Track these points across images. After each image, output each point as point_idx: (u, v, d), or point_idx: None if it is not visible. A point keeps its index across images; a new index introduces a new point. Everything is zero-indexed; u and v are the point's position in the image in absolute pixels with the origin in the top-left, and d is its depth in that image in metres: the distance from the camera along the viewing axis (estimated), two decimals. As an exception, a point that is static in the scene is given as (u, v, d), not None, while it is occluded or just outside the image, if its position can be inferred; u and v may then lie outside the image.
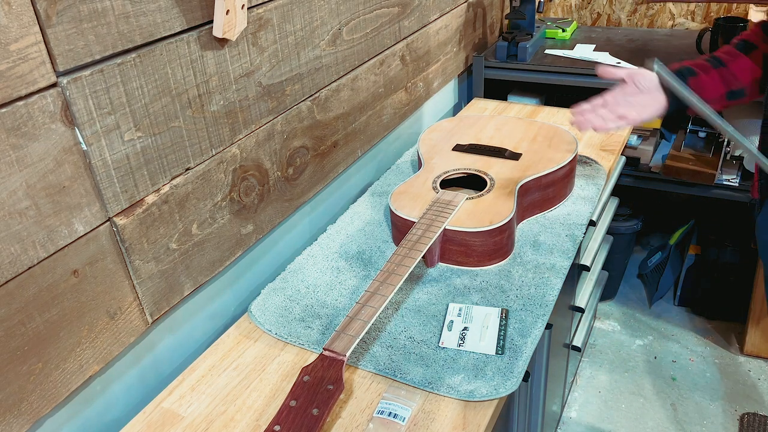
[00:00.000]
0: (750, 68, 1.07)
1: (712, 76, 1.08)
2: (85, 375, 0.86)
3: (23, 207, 0.73)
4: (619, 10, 2.15)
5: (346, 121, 1.34)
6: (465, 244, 1.11)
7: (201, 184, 0.98)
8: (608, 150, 1.51)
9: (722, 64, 1.08)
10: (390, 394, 0.89)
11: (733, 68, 1.08)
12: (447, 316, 1.02)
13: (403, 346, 0.97)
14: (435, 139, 1.44)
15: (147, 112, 0.86)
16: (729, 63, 1.08)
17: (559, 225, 1.23)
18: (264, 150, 1.11)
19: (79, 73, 0.76)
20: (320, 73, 1.22)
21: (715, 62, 1.09)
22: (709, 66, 1.09)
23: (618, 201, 1.81)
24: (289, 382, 0.93)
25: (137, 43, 0.82)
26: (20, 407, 0.78)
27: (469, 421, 0.85)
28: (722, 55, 1.09)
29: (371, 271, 1.14)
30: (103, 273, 0.85)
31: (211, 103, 0.97)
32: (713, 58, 1.10)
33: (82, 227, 0.81)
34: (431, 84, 1.73)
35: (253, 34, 1.02)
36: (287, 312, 1.06)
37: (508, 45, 1.88)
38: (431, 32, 1.66)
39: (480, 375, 0.91)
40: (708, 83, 1.08)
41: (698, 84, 1.08)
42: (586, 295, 1.61)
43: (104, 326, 0.87)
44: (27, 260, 0.75)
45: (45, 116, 0.73)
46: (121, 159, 0.84)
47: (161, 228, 0.93)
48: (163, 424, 0.88)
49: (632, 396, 1.87)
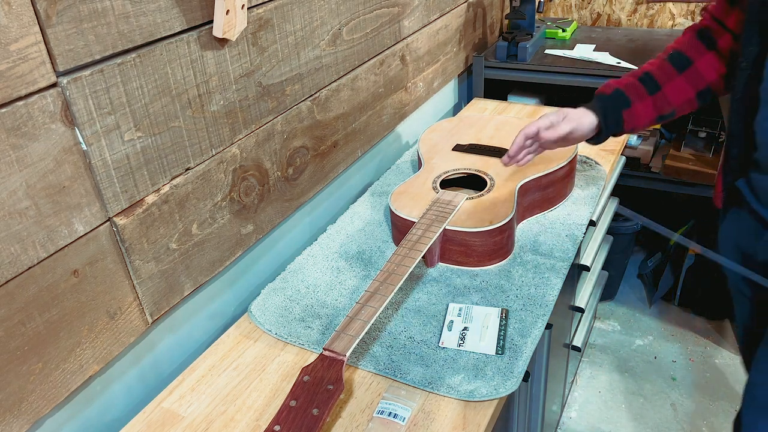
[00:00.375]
0: (684, 90, 1.07)
1: (646, 104, 1.09)
2: (85, 375, 0.86)
3: (23, 207, 0.73)
4: (619, 10, 2.15)
5: (346, 121, 1.34)
6: (465, 244, 1.11)
7: (201, 184, 0.98)
8: (608, 150, 1.51)
9: (658, 88, 1.08)
10: (390, 394, 0.89)
11: (667, 91, 1.08)
12: (447, 316, 1.02)
13: (403, 346, 0.97)
14: (435, 139, 1.44)
15: (147, 112, 0.86)
16: (664, 85, 1.08)
17: (559, 225, 1.23)
18: (264, 150, 1.11)
19: (79, 73, 0.76)
20: (320, 73, 1.22)
21: (651, 86, 1.08)
22: (644, 92, 1.08)
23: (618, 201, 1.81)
24: (289, 382, 0.93)
25: (137, 43, 0.82)
26: (20, 407, 0.78)
27: (469, 421, 0.84)
28: (658, 73, 1.08)
29: (371, 271, 1.14)
30: (103, 273, 0.85)
31: (211, 103, 0.97)
32: (649, 78, 1.09)
33: (82, 227, 0.81)
34: (431, 84, 1.73)
35: (253, 34, 1.02)
36: (287, 312, 1.06)
37: (508, 45, 1.88)
38: (431, 32, 1.66)
39: (480, 375, 0.91)
40: (641, 112, 1.09)
41: (631, 115, 1.09)
42: (586, 295, 1.61)
43: (104, 326, 0.87)
44: (27, 260, 0.75)
45: (45, 116, 0.73)
46: (121, 159, 0.84)
47: (161, 228, 0.93)
48: (163, 424, 0.88)
49: (632, 396, 1.87)
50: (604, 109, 1.09)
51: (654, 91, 1.08)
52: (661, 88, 1.08)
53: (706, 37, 1.06)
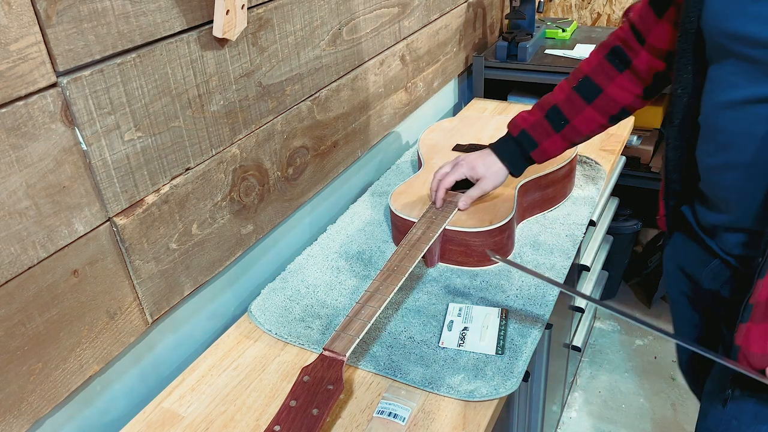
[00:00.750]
0: (594, 119, 1.06)
1: (554, 140, 1.08)
2: (85, 375, 0.86)
3: (23, 207, 0.73)
4: (619, 10, 2.15)
5: (346, 121, 1.34)
6: (465, 244, 1.11)
7: (201, 184, 0.98)
8: (608, 150, 1.51)
9: (566, 122, 1.06)
10: (390, 394, 0.89)
11: (576, 123, 1.06)
12: (447, 316, 1.02)
13: (403, 346, 0.97)
14: (435, 139, 1.44)
15: (147, 112, 0.86)
16: (573, 118, 1.06)
17: (559, 225, 1.23)
18: (264, 150, 1.11)
19: (79, 73, 0.76)
20: (320, 73, 1.22)
21: (558, 122, 1.07)
22: (551, 130, 1.08)
23: (618, 201, 1.81)
24: (289, 382, 0.93)
25: (137, 43, 0.82)
26: (20, 407, 0.78)
27: (469, 421, 0.85)
28: (565, 106, 1.06)
29: (371, 271, 1.14)
30: (103, 273, 0.85)
31: (211, 103, 0.97)
32: (556, 113, 1.07)
33: (82, 227, 0.81)
34: (431, 84, 1.73)
35: (253, 34, 1.02)
36: (287, 312, 1.06)
37: (508, 45, 1.88)
38: (431, 32, 1.66)
39: (480, 375, 0.91)
40: (549, 148, 1.10)
41: (541, 151, 1.10)
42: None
43: (104, 326, 0.87)
44: (27, 260, 0.75)
45: (45, 116, 0.73)
46: (121, 159, 0.84)
47: (161, 228, 0.93)
48: (163, 424, 0.88)
49: (632, 396, 1.87)
50: (511, 157, 1.12)
51: (561, 127, 1.07)
52: (570, 121, 1.06)
53: (619, 57, 1.01)
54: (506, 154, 1.12)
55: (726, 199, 0.87)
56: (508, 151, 1.12)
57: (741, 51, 0.76)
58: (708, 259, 0.94)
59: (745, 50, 0.76)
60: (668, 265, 1.08)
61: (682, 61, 0.87)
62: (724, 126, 0.82)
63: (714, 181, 0.88)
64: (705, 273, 0.95)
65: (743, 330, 0.78)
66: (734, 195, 0.85)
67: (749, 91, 0.77)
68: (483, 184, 1.13)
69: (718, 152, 0.84)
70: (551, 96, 1.09)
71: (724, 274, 0.92)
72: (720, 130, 0.82)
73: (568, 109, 1.06)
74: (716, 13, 0.79)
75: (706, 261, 0.94)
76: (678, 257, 1.03)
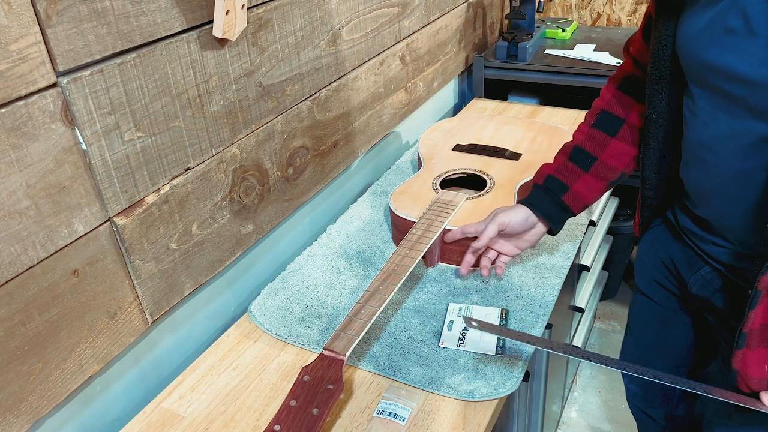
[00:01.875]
0: (624, 152, 0.98)
1: (586, 180, 1.00)
2: (85, 375, 0.86)
3: (23, 207, 0.73)
4: (619, 10, 2.15)
5: (346, 121, 1.34)
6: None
7: (201, 184, 0.98)
8: (608, 150, 1.51)
9: (593, 159, 0.99)
10: (390, 394, 0.89)
11: (605, 158, 0.99)
12: (447, 316, 1.02)
13: (403, 346, 0.97)
14: (435, 139, 1.44)
15: (147, 112, 0.86)
16: (600, 154, 0.99)
17: (559, 225, 1.23)
18: (264, 150, 1.11)
19: (79, 73, 0.76)
20: (320, 73, 1.22)
21: (585, 161, 0.99)
22: (579, 170, 1.00)
23: (618, 201, 1.81)
24: (289, 382, 0.93)
25: (137, 43, 0.82)
26: (20, 407, 0.78)
27: (469, 421, 0.84)
28: (589, 145, 0.99)
29: (371, 271, 1.14)
30: (103, 273, 0.85)
31: (211, 103, 0.97)
32: (580, 153, 1.00)
33: (82, 227, 0.81)
34: (431, 84, 1.73)
35: (253, 34, 1.02)
36: (287, 312, 1.06)
37: (508, 45, 1.88)
38: (431, 32, 1.66)
39: (480, 375, 0.91)
40: (583, 190, 1.01)
41: (574, 196, 1.01)
42: (586, 295, 1.61)
43: (104, 326, 0.87)
44: (27, 260, 0.75)
45: (45, 116, 0.73)
46: (121, 159, 0.84)
47: (161, 228, 0.93)
48: (163, 424, 0.88)
49: (632, 396, 1.86)
50: (541, 205, 1.02)
51: (589, 166, 0.99)
52: (597, 158, 0.99)
53: (633, 87, 0.97)
54: (538, 204, 1.02)
55: (714, 220, 0.86)
56: (539, 201, 1.02)
57: (717, 83, 0.75)
58: (697, 264, 0.93)
59: (720, 83, 0.75)
60: (647, 259, 1.05)
61: (656, 87, 0.86)
62: (707, 157, 0.81)
63: (698, 200, 0.87)
64: (694, 279, 0.93)
65: (740, 356, 0.79)
66: (721, 219, 0.85)
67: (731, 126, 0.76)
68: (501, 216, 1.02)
69: (704, 180, 0.84)
70: (570, 141, 1.03)
71: (714, 283, 0.90)
72: (704, 160, 0.82)
73: (591, 146, 0.99)
74: (690, 39, 0.78)
75: (695, 265, 0.93)
76: (662, 252, 1.01)
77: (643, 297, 1.10)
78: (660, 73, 0.85)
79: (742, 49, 0.70)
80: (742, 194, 0.78)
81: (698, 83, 0.79)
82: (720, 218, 0.85)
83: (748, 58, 0.70)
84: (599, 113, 1.00)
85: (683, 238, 0.95)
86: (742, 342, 0.78)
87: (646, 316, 1.11)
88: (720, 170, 0.80)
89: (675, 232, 0.97)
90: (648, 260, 1.05)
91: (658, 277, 1.04)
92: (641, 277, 1.09)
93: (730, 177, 0.79)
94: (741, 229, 0.82)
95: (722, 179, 0.80)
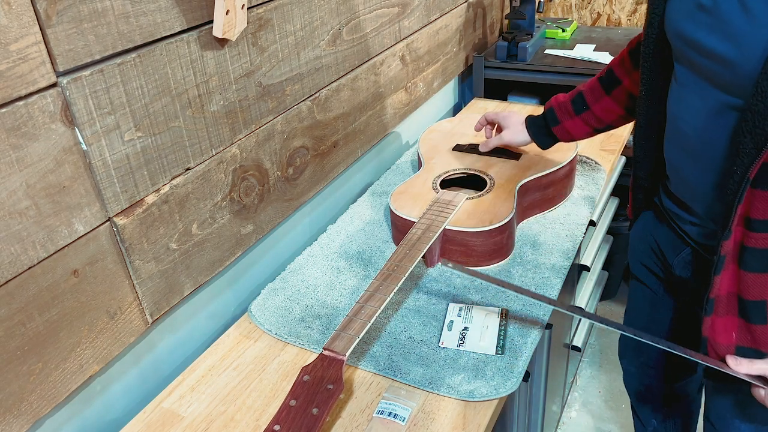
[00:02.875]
0: (611, 109, 1.10)
1: (575, 122, 1.15)
2: (85, 375, 0.86)
3: (23, 207, 0.73)
4: (619, 10, 2.15)
5: (346, 121, 1.34)
6: (465, 244, 1.11)
7: (201, 184, 0.98)
8: (608, 150, 1.51)
9: (586, 107, 1.13)
10: (390, 394, 0.89)
11: (595, 110, 1.12)
12: (447, 316, 1.02)
13: (403, 346, 0.97)
14: (435, 139, 1.44)
15: (147, 112, 0.86)
16: (593, 104, 1.12)
17: (559, 225, 1.23)
18: (264, 150, 1.11)
19: (79, 73, 0.76)
20: (320, 73, 1.22)
21: (580, 106, 1.14)
22: (572, 111, 1.15)
23: (618, 201, 1.81)
24: (289, 382, 0.93)
25: (137, 43, 0.82)
26: (20, 407, 0.78)
27: (469, 421, 0.85)
28: (588, 94, 1.13)
29: (371, 271, 1.14)
30: (103, 273, 0.85)
31: (211, 103, 0.97)
32: (580, 99, 1.14)
33: (82, 227, 0.81)
34: (431, 84, 1.73)
35: (253, 34, 1.02)
36: (287, 312, 1.06)
37: (508, 45, 1.88)
38: (431, 32, 1.66)
39: (480, 375, 0.91)
40: (572, 127, 1.16)
41: (563, 129, 1.17)
42: (586, 295, 1.61)
43: (104, 326, 0.87)
44: (27, 260, 0.75)
45: (45, 116, 0.73)
46: (121, 159, 0.84)
47: (161, 228, 0.93)
48: (163, 424, 0.88)
49: (632, 396, 1.86)
50: (536, 128, 1.22)
51: (581, 111, 1.14)
52: (590, 107, 1.12)
53: (637, 55, 1.06)
54: (533, 125, 1.22)
55: (685, 195, 0.90)
56: (535, 123, 1.22)
57: (691, 57, 0.79)
58: (680, 246, 0.96)
59: (693, 56, 0.78)
60: (638, 245, 1.10)
61: (645, 66, 0.91)
62: (680, 127, 0.85)
63: (675, 176, 0.91)
64: (677, 261, 0.97)
65: (708, 323, 0.82)
66: (691, 192, 0.88)
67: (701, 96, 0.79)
68: (505, 134, 1.25)
69: (677, 152, 0.87)
70: (583, 84, 1.16)
71: (694, 263, 0.94)
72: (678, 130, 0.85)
73: (590, 96, 1.12)
74: (673, 14, 0.81)
75: (678, 248, 0.97)
76: (650, 238, 1.06)
77: (635, 281, 1.15)
78: (648, 50, 0.90)
79: (709, 25, 0.74)
80: (708, 163, 0.82)
81: (679, 59, 0.83)
82: (691, 192, 0.88)
83: (714, 34, 0.73)
84: (608, 69, 1.11)
85: (668, 220, 0.99)
86: (710, 308, 0.81)
87: (638, 299, 1.16)
88: (690, 140, 0.83)
89: (661, 216, 1.01)
90: (639, 246, 1.10)
91: (646, 262, 1.09)
92: (633, 261, 1.13)
93: (698, 145, 0.82)
94: (709, 201, 0.85)
95: (692, 148, 0.83)
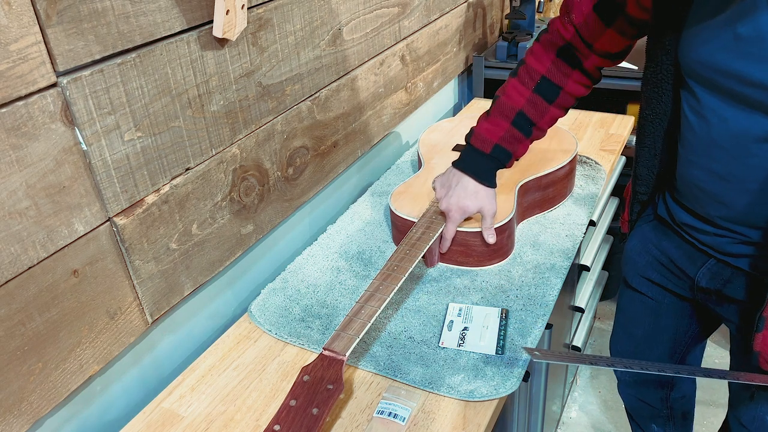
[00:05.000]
0: (555, 115, 1.07)
1: (524, 145, 1.08)
2: (85, 375, 0.86)
3: (23, 207, 0.73)
4: (619, 10, 2.15)
5: (346, 121, 1.34)
6: (465, 244, 1.11)
7: (201, 184, 0.98)
8: (608, 150, 1.51)
9: (533, 124, 1.06)
10: (390, 394, 0.89)
11: (542, 124, 1.07)
12: (447, 316, 1.02)
13: (403, 346, 0.97)
14: (435, 139, 1.44)
15: (147, 112, 0.86)
16: (539, 121, 1.06)
17: (559, 225, 1.23)
18: (264, 150, 1.11)
19: (79, 73, 0.76)
20: (320, 73, 1.22)
21: (527, 127, 1.06)
22: (521, 136, 1.06)
23: (618, 201, 1.81)
24: (289, 382, 0.93)
25: (137, 43, 0.82)
26: (20, 407, 0.78)
27: (469, 421, 0.85)
28: (531, 111, 1.05)
29: (371, 271, 1.14)
30: (103, 273, 0.85)
31: (211, 103, 0.97)
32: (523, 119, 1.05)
33: (82, 227, 0.81)
34: (431, 84, 1.73)
35: (253, 34, 1.02)
36: (287, 312, 1.06)
37: (508, 45, 1.88)
38: (431, 32, 1.66)
39: (480, 375, 0.91)
40: (522, 153, 1.09)
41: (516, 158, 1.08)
42: (586, 295, 1.61)
43: (104, 326, 0.87)
44: (27, 260, 0.75)
45: (45, 116, 0.73)
46: (121, 159, 0.84)
47: (161, 228, 0.93)
48: (163, 424, 0.88)
49: (632, 396, 1.86)
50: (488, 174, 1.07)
51: (530, 132, 1.07)
52: (536, 124, 1.06)
53: (570, 58, 1.02)
54: (483, 173, 1.07)
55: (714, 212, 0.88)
56: (484, 169, 1.07)
57: (729, 86, 0.77)
58: (701, 258, 0.95)
59: (732, 86, 0.77)
60: (638, 258, 1.08)
61: (656, 90, 0.90)
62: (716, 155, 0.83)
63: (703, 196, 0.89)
64: (701, 273, 0.96)
65: (760, 338, 0.83)
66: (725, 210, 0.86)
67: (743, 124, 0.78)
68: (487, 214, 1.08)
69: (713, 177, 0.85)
70: (510, 101, 1.06)
71: (723, 274, 0.93)
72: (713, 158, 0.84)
73: (533, 112, 1.05)
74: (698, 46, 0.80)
75: (698, 260, 0.96)
76: (654, 251, 1.04)
77: (633, 292, 1.13)
78: (661, 77, 0.89)
79: (753, 55, 0.73)
80: (751, 186, 0.81)
81: (706, 86, 0.81)
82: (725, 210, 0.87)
83: (758, 64, 0.72)
84: (540, 79, 1.04)
85: (681, 234, 0.97)
86: (762, 325, 0.83)
87: (637, 310, 1.15)
88: (729, 165, 0.82)
89: (670, 229, 1.00)
90: (640, 259, 1.08)
91: (650, 275, 1.08)
92: (632, 274, 1.12)
93: (739, 169, 0.81)
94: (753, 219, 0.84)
95: (729, 172, 0.82)
